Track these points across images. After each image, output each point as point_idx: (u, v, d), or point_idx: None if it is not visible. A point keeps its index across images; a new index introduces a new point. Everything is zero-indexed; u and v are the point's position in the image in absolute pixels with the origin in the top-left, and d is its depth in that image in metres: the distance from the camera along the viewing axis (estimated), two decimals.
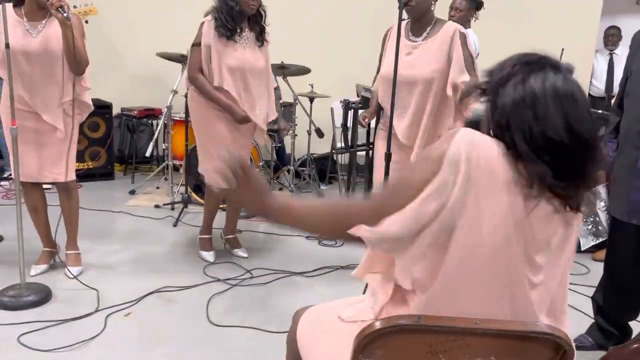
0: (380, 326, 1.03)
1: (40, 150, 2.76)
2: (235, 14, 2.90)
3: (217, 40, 2.91)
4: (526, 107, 1.06)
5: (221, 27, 2.89)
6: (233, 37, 2.93)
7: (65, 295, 2.74)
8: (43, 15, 2.65)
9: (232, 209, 3.43)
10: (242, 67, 2.98)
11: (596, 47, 5.66)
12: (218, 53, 2.92)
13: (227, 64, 2.94)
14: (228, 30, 2.90)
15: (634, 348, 1.03)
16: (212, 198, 3.31)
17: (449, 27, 2.65)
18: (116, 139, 5.30)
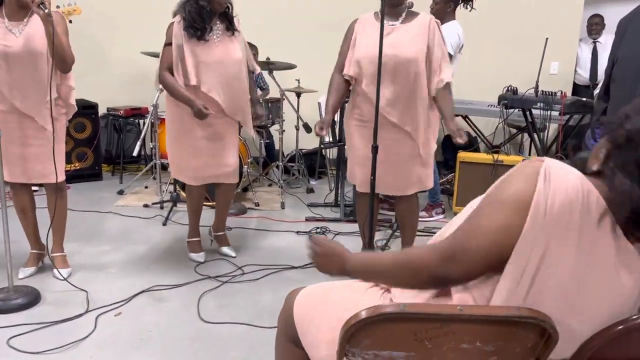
0: (366, 315, 1.03)
1: (27, 151, 2.73)
2: (205, 13, 2.85)
3: (189, 40, 2.87)
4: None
5: (190, 27, 2.85)
6: (204, 36, 2.88)
7: (54, 297, 2.72)
8: (24, 15, 2.62)
9: (219, 206, 3.39)
10: (218, 62, 2.92)
11: (580, 35, 5.69)
12: (192, 52, 2.87)
13: (203, 60, 2.89)
14: (198, 30, 2.86)
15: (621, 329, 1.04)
16: (193, 198, 3.26)
17: (424, 16, 2.74)
18: (103, 139, 5.26)
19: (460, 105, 4.95)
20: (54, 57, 2.56)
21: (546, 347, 1.07)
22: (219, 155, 3.08)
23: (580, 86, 5.73)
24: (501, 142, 4.69)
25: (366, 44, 2.72)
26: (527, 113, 4.30)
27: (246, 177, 4.48)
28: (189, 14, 2.85)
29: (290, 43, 5.10)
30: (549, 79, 5.18)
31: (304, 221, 4.07)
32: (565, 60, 5.56)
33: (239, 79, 3.01)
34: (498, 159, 4.03)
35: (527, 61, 4.84)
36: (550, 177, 1.00)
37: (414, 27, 2.70)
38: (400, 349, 1.07)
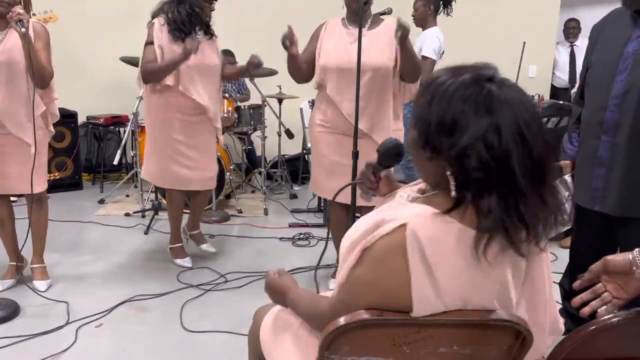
0: (344, 322, 1.04)
1: (6, 162, 2.69)
2: (193, 20, 2.91)
3: (172, 42, 2.90)
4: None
5: (176, 30, 2.89)
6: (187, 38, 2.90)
7: (34, 309, 2.69)
8: (4, 26, 2.59)
9: (195, 207, 3.39)
10: (199, 65, 2.96)
11: (556, 39, 5.79)
12: (172, 53, 2.89)
13: (186, 63, 2.90)
14: (183, 33, 2.89)
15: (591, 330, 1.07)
16: (173, 205, 3.26)
17: (389, 20, 2.70)
18: (83, 148, 5.21)
19: None
20: (31, 74, 2.53)
21: (521, 349, 1.09)
22: (198, 159, 3.09)
23: (559, 89, 5.82)
24: None
25: (333, 50, 2.70)
26: None
27: (229, 184, 4.47)
28: (178, 16, 2.87)
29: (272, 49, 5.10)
30: (528, 82, 5.25)
31: (288, 227, 4.07)
32: (543, 64, 5.65)
33: (215, 83, 3.09)
34: None
35: (505, 65, 4.86)
36: (418, 242, 0.98)
37: (381, 33, 2.67)
38: (379, 354, 1.08)
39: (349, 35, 2.69)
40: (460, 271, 1.00)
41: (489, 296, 1.04)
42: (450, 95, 0.97)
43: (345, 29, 2.72)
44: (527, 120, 0.95)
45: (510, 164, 0.94)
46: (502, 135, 0.93)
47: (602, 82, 2.16)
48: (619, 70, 2.09)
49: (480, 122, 0.94)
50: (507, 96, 0.96)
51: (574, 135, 2.44)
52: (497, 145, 0.93)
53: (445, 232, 0.99)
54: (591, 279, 1.19)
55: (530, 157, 0.95)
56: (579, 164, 2.36)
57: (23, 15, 2.43)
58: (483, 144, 0.93)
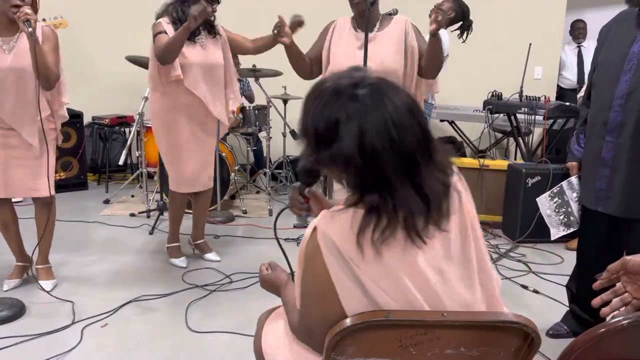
0: (351, 323, 1.04)
1: (13, 166, 2.70)
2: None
3: None
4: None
5: None
6: (192, 39, 2.94)
7: (39, 309, 2.69)
8: (15, 31, 2.59)
9: (198, 214, 3.39)
10: (203, 64, 2.97)
11: (563, 40, 5.77)
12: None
13: (188, 62, 2.92)
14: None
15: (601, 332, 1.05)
16: (175, 204, 3.27)
17: (398, 20, 2.66)
18: (88, 148, 5.22)
19: (446, 111, 4.99)
20: (36, 74, 2.55)
21: (529, 351, 1.08)
22: (203, 159, 3.13)
23: (567, 90, 5.80)
24: (487, 147, 4.73)
25: (341, 56, 2.65)
26: (512, 118, 4.35)
27: (234, 184, 4.47)
28: (183, 16, 2.88)
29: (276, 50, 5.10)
30: (533, 83, 5.23)
31: (292, 228, 4.07)
32: (549, 65, 5.63)
33: (220, 82, 3.08)
34: (484, 163, 4.06)
35: (511, 66, 4.89)
36: (332, 241, 1.04)
37: (390, 35, 2.62)
38: (386, 355, 1.08)
39: (356, 39, 2.65)
40: (373, 260, 1.03)
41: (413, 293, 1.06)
42: (321, 109, 1.03)
43: (354, 32, 2.67)
44: (395, 117, 1.00)
45: (379, 163, 1.00)
46: (371, 139, 0.99)
47: (608, 83, 2.16)
48: (624, 71, 2.08)
49: (350, 129, 0.99)
50: (373, 98, 1.01)
51: (581, 137, 2.43)
52: (369, 148, 0.99)
53: (348, 223, 1.04)
54: (610, 279, 1.18)
55: (399, 153, 1.00)
56: (585, 165, 2.36)
57: (30, 15, 2.44)
58: (357, 149, 0.99)
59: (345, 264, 1.04)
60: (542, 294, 3.01)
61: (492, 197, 4.05)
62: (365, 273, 1.04)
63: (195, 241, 3.44)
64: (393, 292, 1.05)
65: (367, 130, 0.99)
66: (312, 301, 1.12)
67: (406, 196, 1.02)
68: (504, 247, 3.73)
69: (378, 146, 0.99)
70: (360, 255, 1.03)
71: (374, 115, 1.00)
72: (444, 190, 1.06)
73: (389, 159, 1.00)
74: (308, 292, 1.12)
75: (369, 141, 0.99)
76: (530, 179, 3.75)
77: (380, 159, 0.99)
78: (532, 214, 3.69)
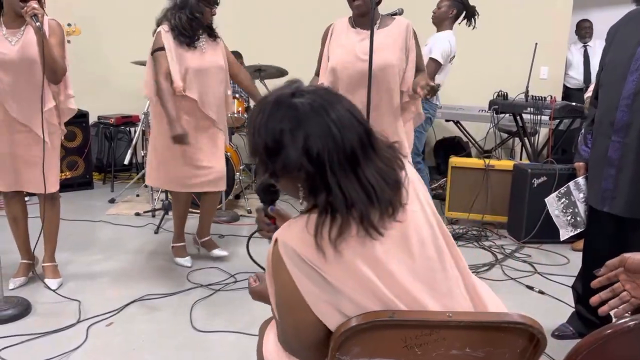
0: (356, 323, 1.03)
1: (21, 160, 2.72)
2: (195, 25, 2.94)
3: (177, 46, 2.92)
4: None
5: (180, 35, 2.92)
6: (193, 44, 2.96)
7: (45, 307, 2.70)
8: (21, 23, 2.61)
9: (204, 213, 3.40)
10: (204, 68, 2.98)
11: (569, 40, 5.74)
12: (179, 57, 2.92)
13: (190, 66, 2.93)
14: (187, 38, 2.93)
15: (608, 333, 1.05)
16: (179, 204, 3.28)
17: (400, 21, 2.69)
18: (94, 148, 5.24)
19: (452, 111, 4.97)
20: (44, 68, 2.56)
21: (535, 352, 1.07)
22: (205, 162, 3.09)
23: (573, 89, 5.78)
24: (492, 147, 4.71)
25: (340, 52, 2.69)
26: (518, 118, 4.33)
27: (238, 184, 4.47)
28: (179, 22, 2.90)
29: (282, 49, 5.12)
30: (539, 83, 5.21)
31: None
32: (554, 65, 5.60)
33: (217, 85, 3.07)
34: (489, 163, 4.05)
35: (517, 66, 4.87)
36: (292, 250, 1.06)
37: (390, 34, 2.66)
38: (390, 356, 1.07)
39: (356, 34, 2.67)
40: (335, 260, 1.05)
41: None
42: (265, 122, 1.07)
43: (353, 30, 2.70)
44: (335, 119, 1.05)
45: (325, 164, 1.04)
46: (315, 142, 1.03)
47: (615, 83, 2.15)
48: (631, 71, 2.08)
49: (295, 136, 1.04)
50: (312, 104, 1.06)
51: (588, 137, 2.42)
52: (314, 151, 1.03)
53: (305, 227, 1.06)
54: (608, 276, 1.17)
55: (343, 152, 1.04)
56: (591, 164, 2.35)
57: (38, 10, 2.45)
58: (304, 154, 1.04)
59: (309, 268, 1.05)
60: (547, 294, 3.00)
61: (498, 197, 4.04)
62: (331, 275, 1.05)
63: (201, 239, 3.45)
64: (361, 291, 1.06)
65: (311, 135, 1.04)
66: (284, 312, 1.14)
67: (353, 191, 1.05)
68: (509, 248, 3.72)
69: (322, 148, 1.03)
70: (322, 258, 1.04)
71: (315, 120, 1.05)
72: (393, 182, 1.10)
73: (334, 159, 1.04)
74: (279, 303, 1.14)
75: (314, 144, 1.03)
76: (536, 179, 3.74)
77: (326, 159, 1.04)
78: (537, 215, 3.67)
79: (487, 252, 3.67)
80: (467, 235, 3.94)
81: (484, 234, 3.98)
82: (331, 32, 2.78)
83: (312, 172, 1.05)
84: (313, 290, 1.06)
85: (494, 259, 3.53)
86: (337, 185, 1.04)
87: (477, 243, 3.82)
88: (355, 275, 1.05)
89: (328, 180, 1.04)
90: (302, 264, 1.06)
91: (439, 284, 1.11)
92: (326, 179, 1.04)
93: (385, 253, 1.07)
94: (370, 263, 1.06)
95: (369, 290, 1.06)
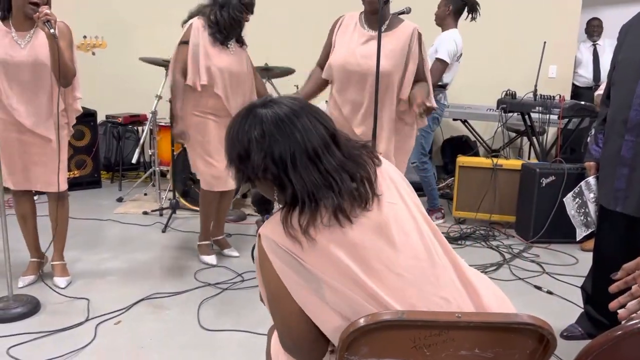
0: (364, 323, 1.03)
1: (30, 160, 2.73)
2: (234, 25, 3.00)
3: (210, 43, 2.98)
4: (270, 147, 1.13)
5: (217, 33, 2.97)
6: (226, 44, 3.02)
7: (54, 306, 2.72)
8: (31, 25, 2.62)
9: (220, 212, 3.42)
10: (230, 69, 3.05)
11: (578, 39, 5.70)
12: (207, 54, 2.97)
13: (217, 65, 2.99)
14: (223, 37, 2.99)
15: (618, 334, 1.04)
16: (207, 202, 3.29)
17: (407, 25, 2.65)
18: (102, 147, 5.26)
19: (459, 110, 4.95)
20: (55, 73, 2.57)
21: (545, 353, 1.07)
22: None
23: (583, 88, 5.73)
24: (500, 146, 4.69)
25: (342, 49, 2.67)
26: (526, 117, 4.31)
27: None
28: (221, 19, 2.95)
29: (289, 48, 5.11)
30: (548, 82, 5.18)
31: None
32: (563, 64, 5.56)
33: (244, 88, 3.15)
34: (497, 163, 4.03)
35: (525, 65, 4.84)
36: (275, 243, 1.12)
37: (395, 39, 2.62)
38: (399, 356, 1.07)
39: (360, 36, 2.65)
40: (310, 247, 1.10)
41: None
42: (236, 133, 1.17)
43: (360, 29, 2.68)
44: (299, 126, 1.13)
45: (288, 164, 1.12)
46: (277, 147, 1.12)
47: (627, 81, 2.13)
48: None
49: (260, 143, 1.13)
50: (277, 112, 1.15)
51: (599, 137, 2.40)
52: (277, 155, 1.12)
53: (280, 219, 1.13)
54: (626, 280, 1.16)
55: (305, 152, 1.12)
56: (603, 164, 2.33)
57: (51, 16, 2.46)
58: (270, 158, 1.12)
59: (289, 257, 1.11)
60: (556, 294, 2.98)
61: (506, 197, 4.02)
62: (309, 262, 1.10)
63: (215, 237, 3.46)
64: (340, 278, 1.09)
65: (274, 141, 1.12)
66: (273, 307, 1.19)
67: (313, 180, 1.12)
68: (517, 248, 3.70)
69: (285, 151, 1.12)
70: (299, 246, 1.10)
71: (278, 127, 1.13)
72: (359, 174, 1.16)
73: (296, 158, 1.12)
74: (269, 299, 1.19)
75: (276, 148, 1.12)
76: (544, 178, 3.71)
77: (289, 159, 1.12)
78: (546, 214, 3.65)
79: (494, 252, 3.65)
80: (475, 235, 3.92)
81: (491, 233, 3.97)
82: (339, 24, 2.75)
83: (276, 173, 1.13)
84: (294, 279, 1.11)
85: (501, 258, 3.52)
86: (300, 177, 1.11)
87: (485, 243, 3.80)
88: (332, 262, 1.09)
89: (289, 175, 1.12)
90: (282, 253, 1.11)
91: (425, 272, 1.13)
92: (289, 175, 1.12)
93: (361, 239, 1.11)
94: (345, 249, 1.10)
95: (349, 277, 1.09)
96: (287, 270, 1.11)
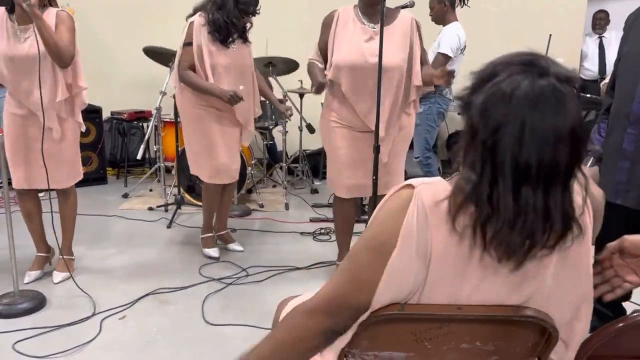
0: (365, 316, 1.03)
1: (34, 158, 2.74)
2: (230, 28, 3.00)
3: (210, 41, 2.98)
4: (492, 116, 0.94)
5: (216, 31, 2.98)
6: (226, 42, 3.02)
7: (59, 301, 2.74)
8: (31, 19, 2.63)
9: (222, 206, 3.43)
10: (234, 65, 3.06)
11: (584, 32, 5.66)
12: (210, 53, 2.99)
13: (220, 63, 3.01)
14: (222, 36, 2.99)
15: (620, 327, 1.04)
16: (210, 196, 3.31)
17: (405, 16, 2.68)
18: (107, 143, 5.28)
19: None
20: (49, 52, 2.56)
21: (547, 346, 1.06)
22: (231, 154, 3.19)
23: (588, 81, 5.70)
24: None
25: (347, 48, 2.64)
26: None
27: (250, 178, 4.49)
28: (217, 20, 2.96)
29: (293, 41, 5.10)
30: None
31: (308, 222, 4.07)
32: (569, 57, 5.52)
33: (246, 85, 3.15)
34: None
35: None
36: (422, 204, 0.98)
37: (396, 31, 2.64)
38: (400, 349, 1.07)
39: (363, 32, 2.64)
40: (450, 243, 0.97)
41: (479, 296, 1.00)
42: (509, 95, 0.95)
43: (360, 24, 2.67)
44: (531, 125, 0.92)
45: (521, 160, 0.91)
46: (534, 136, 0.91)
47: (631, 74, 2.11)
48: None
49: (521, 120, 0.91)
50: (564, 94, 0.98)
51: (602, 126, 2.39)
52: (503, 135, 0.91)
53: (446, 197, 0.98)
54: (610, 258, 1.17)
55: (545, 162, 0.91)
56: (605, 156, 2.32)
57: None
58: (491, 126, 0.92)
59: (423, 235, 0.97)
60: None
61: None
62: (434, 260, 0.97)
63: (218, 232, 3.48)
64: (443, 292, 0.99)
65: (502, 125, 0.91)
66: (355, 254, 1.04)
67: (506, 202, 0.92)
68: None
69: (512, 140, 0.91)
70: (444, 231, 0.96)
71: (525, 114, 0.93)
72: (564, 216, 0.95)
73: (506, 162, 0.91)
74: (358, 245, 1.04)
75: (509, 132, 0.91)
76: None
77: (524, 155, 0.91)
78: None
79: None
80: None
81: None
82: (336, 19, 2.71)
83: (485, 150, 0.92)
84: (410, 252, 0.97)
85: None
86: (498, 193, 0.92)
87: None
88: (454, 276, 0.98)
89: (494, 173, 0.92)
90: (422, 224, 0.97)
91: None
92: (494, 172, 0.92)
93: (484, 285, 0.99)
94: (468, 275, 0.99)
95: (451, 297, 1.00)
96: (411, 239, 0.97)
